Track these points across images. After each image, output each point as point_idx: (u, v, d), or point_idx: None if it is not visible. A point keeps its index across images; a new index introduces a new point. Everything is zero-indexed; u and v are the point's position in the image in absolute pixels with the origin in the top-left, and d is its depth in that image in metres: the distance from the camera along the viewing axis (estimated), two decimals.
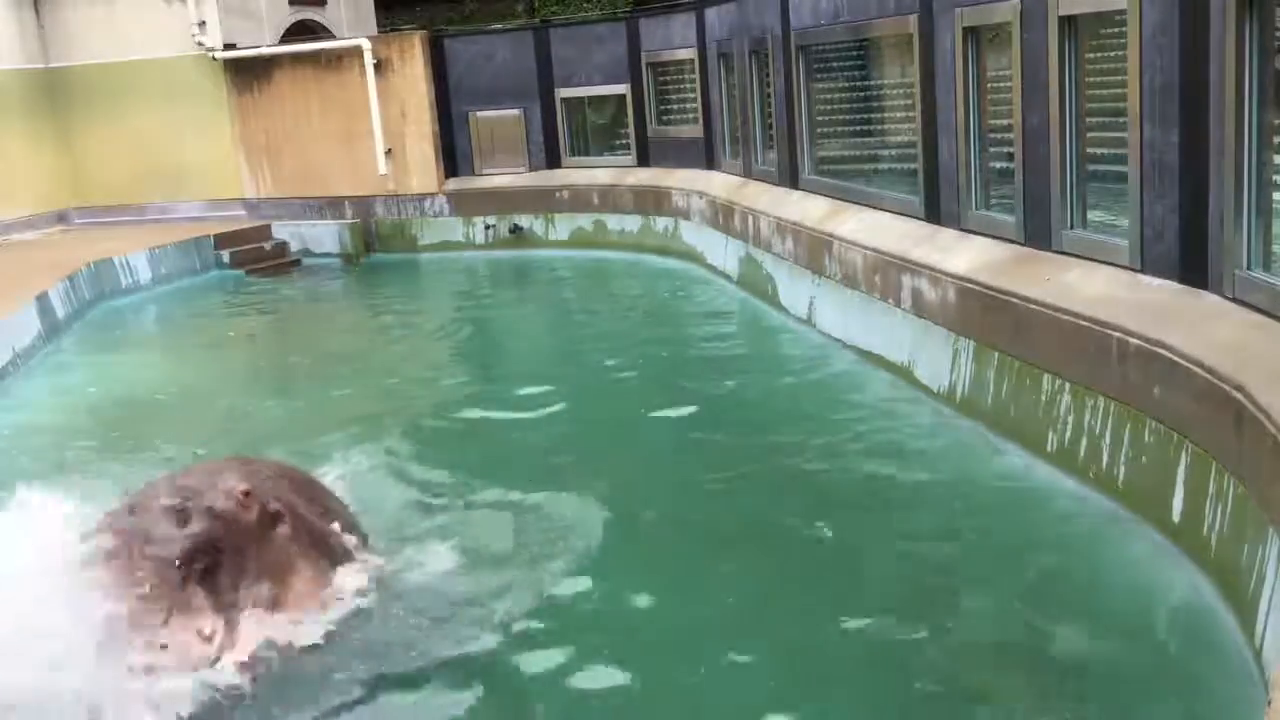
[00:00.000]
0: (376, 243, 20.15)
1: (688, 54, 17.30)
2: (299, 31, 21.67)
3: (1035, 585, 6.30)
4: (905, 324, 9.78)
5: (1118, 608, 5.93)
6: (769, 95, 14.11)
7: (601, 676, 5.55)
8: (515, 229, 19.44)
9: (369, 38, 19.88)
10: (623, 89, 18.69)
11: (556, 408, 10.34)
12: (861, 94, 12.49)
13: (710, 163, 17.12)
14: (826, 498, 7.76)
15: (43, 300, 14.17)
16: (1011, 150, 8.80)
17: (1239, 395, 5.59)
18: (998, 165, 9.30)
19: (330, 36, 21.74)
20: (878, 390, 9.90)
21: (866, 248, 10.58)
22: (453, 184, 19.80)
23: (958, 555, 6.74)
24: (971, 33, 9.31)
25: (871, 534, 7.10)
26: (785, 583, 6.51)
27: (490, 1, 25.55)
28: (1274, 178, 6.20)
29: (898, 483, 7.90)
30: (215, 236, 18.94)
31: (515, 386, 11.35)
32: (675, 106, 18.20)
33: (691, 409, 10.01)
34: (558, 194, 19.15)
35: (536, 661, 5.68)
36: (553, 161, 19.51)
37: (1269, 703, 3.65)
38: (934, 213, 10.13)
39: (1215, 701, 5.12)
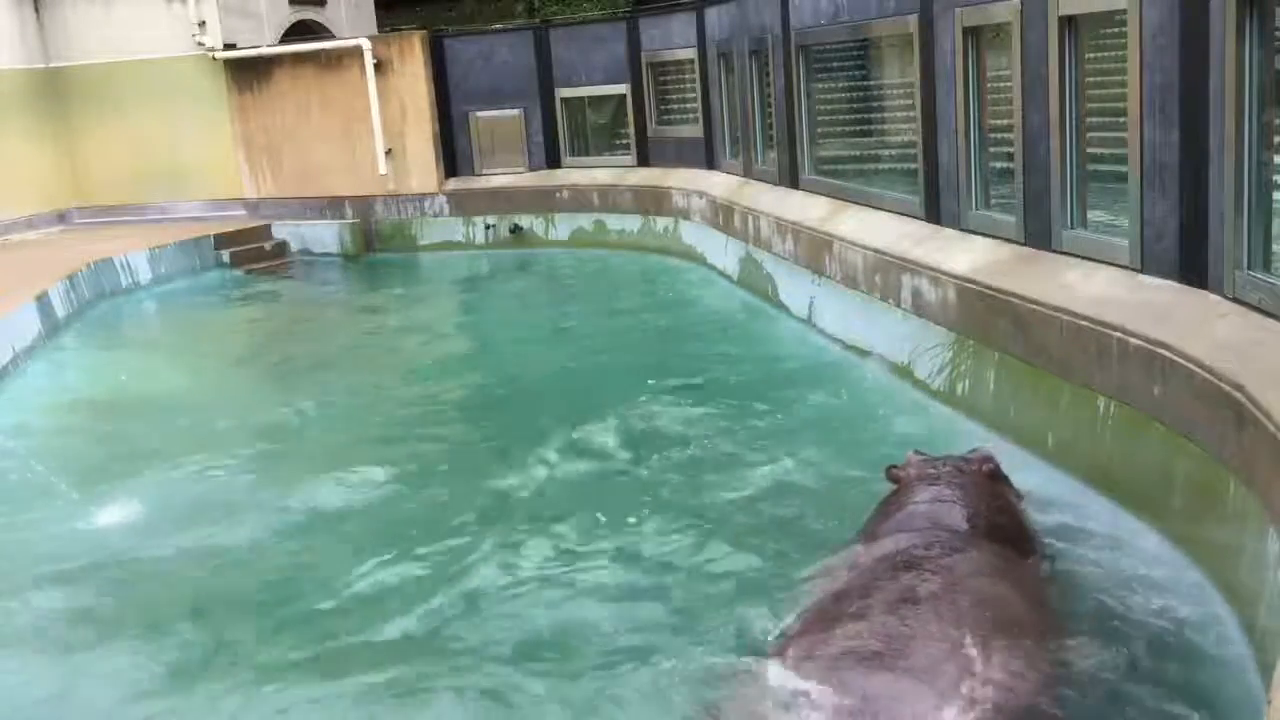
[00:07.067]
0: (377, 242, 20.16)
1: (688, 54, 17.30)
2: (299, 31, 21.69)
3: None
4: (905, 324, 9.79)
5: (1122, 608, 5.92)
6: (769, 95, 14.11)
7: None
8: (515, 229, 19.45)
9: (369, 38, 19.88)
10: (623, 89, 18.69)
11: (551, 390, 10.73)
12: (862, 94, 12.49)
13: (710, 163, 17.12)
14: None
15: (43, 300, 14.17)
16: (1011, 150, 8.80)
17: (1239, 395, 5.58)
18: (998, 165, 9.30)
19: (330, 36, 21.75)
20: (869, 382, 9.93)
21: (867, 248, 10.58)
22: (453, 184, 19.80)
23: None
24: (971, 33, 9.31)
25: None
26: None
27: (490, 1, 25.54)
28: (1274, 178, 6.20)
29: None
30: (215, 236, 18.94)
31: (513, 373, 11.67)
32: (675, 106, 18.20)
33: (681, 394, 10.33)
34: (558, 194, 19.15)
35: None
36: (553, 161, 19.51)
37: (1269, 703, 3.65)
38: (934, 213, 10.13)
39: (1215, 702, 5.12)
